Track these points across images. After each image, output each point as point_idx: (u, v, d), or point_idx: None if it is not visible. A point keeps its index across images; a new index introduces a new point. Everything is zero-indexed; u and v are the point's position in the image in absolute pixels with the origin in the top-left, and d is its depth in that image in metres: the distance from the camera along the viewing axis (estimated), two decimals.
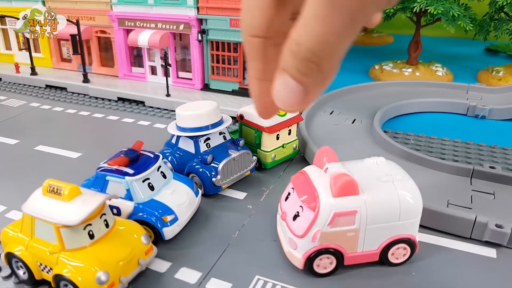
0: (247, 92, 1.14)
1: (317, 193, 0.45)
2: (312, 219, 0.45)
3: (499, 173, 0.68)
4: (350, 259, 0.48)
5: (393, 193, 0.46)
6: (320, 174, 0.48)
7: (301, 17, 0.28)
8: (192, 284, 0.48)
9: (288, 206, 0.50)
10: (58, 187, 0.45)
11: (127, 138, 0.90)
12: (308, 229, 0.45)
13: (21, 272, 0.48)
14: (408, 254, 0.51)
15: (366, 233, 0.47)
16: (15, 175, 0.74)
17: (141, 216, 0.54)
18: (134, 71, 1.33)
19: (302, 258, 0.47)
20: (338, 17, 0.25)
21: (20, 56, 1.49)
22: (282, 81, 0.32)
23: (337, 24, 0.26)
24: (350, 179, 0.44)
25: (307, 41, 0.28)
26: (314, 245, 0.46)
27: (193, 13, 1.13)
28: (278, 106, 0.34)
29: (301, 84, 0.30)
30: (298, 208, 0.47)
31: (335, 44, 0.26)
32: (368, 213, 0.45)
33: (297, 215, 0.47)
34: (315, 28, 0.26)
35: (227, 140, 0.71)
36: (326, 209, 0.44)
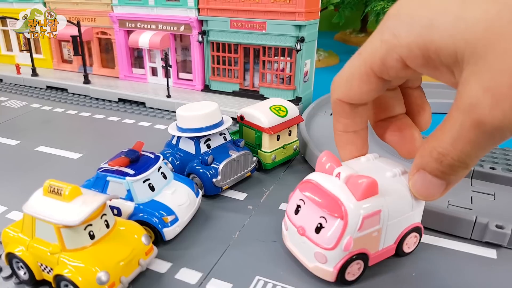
0: (247, 93, 1.14)
1: (340, 200, 0.43)
2: (342, 227, 0.42)
3: (500, 174, 0.68)
4: (373, 259, 0.48)
5: (404, 186, 0.45)
6: (331, 180, 0.45)
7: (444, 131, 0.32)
8: (192, 284, 0.48)
9: (303, 219, 0.47)
10: (58, 187, 0.45)
11: (128, 139, 0.90)
12: (340, 239, 0.43)
13: (22, 273, 0.48)
14: (418, 241, 0.52)
15: (387, 230, 0.46)
16: (16, 176, 0.74)
17: (141, 216, 0.54)
18: (135, 72, 1.33)
19: (335, 270, 0.45)
20: (488, 140, 0.29)
21: (21, 57, 1.50)
22: (421, 177, 0.37)
23: (486, 145, 0.30)
24: (372, 180, 0.43)
25: (456, 155, 0.32)
26: (345, 254, 0.44)
27: (194, 14, 1.14)
28: (417, 197, 0.40)
29: (444, 180, 0.36)
30: (319, 219, 0.44)
31: (481, 155, 0.31)
32: (389, 210, 0.45)
33: (320, 227, 0.44)
34: (464, 147, 0.31)
35: (228, 141, 0.71)
36: (354, 214, 0.42)
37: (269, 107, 0.75)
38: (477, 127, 0.28)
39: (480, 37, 0.26)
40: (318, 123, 0.93)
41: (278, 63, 1.08)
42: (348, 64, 0.39)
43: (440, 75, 0.31)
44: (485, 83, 0.27)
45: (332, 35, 2.22)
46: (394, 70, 0.33)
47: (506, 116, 0.27)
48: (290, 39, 1.03)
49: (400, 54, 0.31)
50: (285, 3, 1.01)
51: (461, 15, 0.27)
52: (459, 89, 0.29)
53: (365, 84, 0.37)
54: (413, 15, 0.30)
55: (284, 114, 0.74)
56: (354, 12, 1.80)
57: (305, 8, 0.99)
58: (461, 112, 0.29)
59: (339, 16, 1.75)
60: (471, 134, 0.29)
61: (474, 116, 0.28)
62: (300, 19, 1.00)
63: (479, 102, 0.27)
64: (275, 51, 1.07)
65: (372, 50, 0.34)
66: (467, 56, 0.27)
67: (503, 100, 0.26)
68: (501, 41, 0.25)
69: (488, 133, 0.28)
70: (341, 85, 0.40)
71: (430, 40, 0.29)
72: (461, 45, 0.27)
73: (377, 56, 0.33)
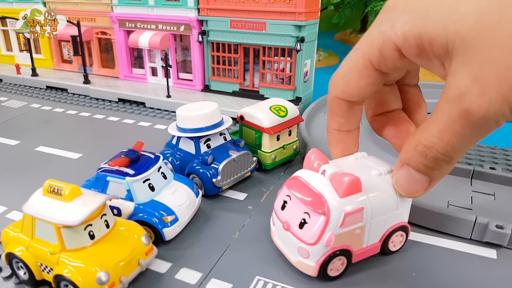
0: (247, 93, 1.14)
1: (324, 197, 0.44)
2: (324, 223, 0.43)
3: (500, 174, 0.68)
4: (357, 256, 0.48)
5: (389, 184, 0.46)
6: (317, 177, 0.46)
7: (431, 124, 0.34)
8: (192, 284, 0.48)
9: (288, 214, 0.48)
10: (58, 187, 0.45)
11: (128, 139, 0.90)
12: (321, 235, 0.44)
13: (22, 273, 0.48)
14: (404, 240, 0.52)
15: (370, 228, 0.47)
16: (16, 176, 0.74)
17: (141, 216, 0.54)
18: (135, 72, 1.33)
19: (316, 265, 0.46)
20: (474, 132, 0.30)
21: (21, 57, 1.50)
22: (405, 172, 0.38)
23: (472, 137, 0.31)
24: (355, 178, 0.43)
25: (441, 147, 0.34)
26: (327, 249, 0.45)
27: (194, 14, 1.14)
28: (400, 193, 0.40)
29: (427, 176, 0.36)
30: (303, 215, 0.46)
31: (467, 149, 0.32)
32: (372, 208, 0.45)
33: (303, 223, 0.45)
34: (450, 139, 0.31)
35: (228, 141, 0.71)
36: (337, 211, 0.43)
37: (269, 107, 0.75)
38: (464, 117, 0.29)
39: (470, 28, 0.27)
40: (318, 123, 0.93)
41: (278, 63, 1.08)
42: (345, 61, 0.39)
43: (432, 67, 0.32)
44: (474, 72, 0.27)
45: (332, 35, 2.22)
46: (391, 60, 0.34)
47: (491, 105, 0.27)
48: (290, 39, 1.03)
49: (396, 44, 0.32)
50: (285, 3, 1.01)
51: (454, 7, 0.28)
52: (448, 80, 0.30)
53: (363, 78, 0.37)
54: (409, 6, 0.31)
55: (284, 114, 0.74)
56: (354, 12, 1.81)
57: (305, 8, 0.99)
58: (448, 103, 0.30)
59: (339, 16, 1.75)
60: (458, 125, 0.30)
61: (462, 106, 0.29)
62: (300, 19, 1.00)
63: (467, 91, 0.28)
64: (275, 51, 1.07)
65: (370, 42, 0.35)
66: (457, 47, 0.28)
67: (490, 89, 0.27)
68: (490, 33, 0.26)
69: (474, 123, 0.29)
70: (339, 82, 0.40)
71: (424, 30, 0.30)
72: (452, 36, 0.28)
73: (375, 47, 0.34)
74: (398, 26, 0.31)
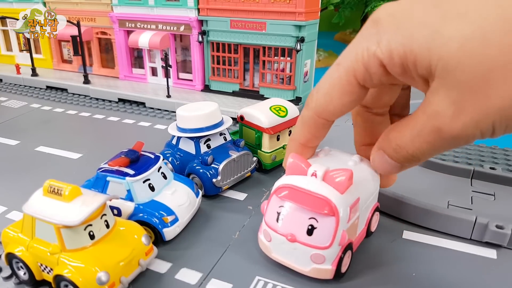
0: (247, 93, 1.14)
1: (326, 197, 0.43)
2: (335, 223, 0.43)
3: (500, 174, 0.68)
4: (355, 245, 0.50)
5: (366, 171, 0.48)
6: (309, 180, 0.45)
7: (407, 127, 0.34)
8: (192, 284, 0.48)
9: (289, 225, 0.46)
10: (58, 187, 0.45)
11: (128, 139, 0.90)
12: (335, 235, 0.43)
13: (22, 273, 0.48)
14: (378, 219, 0.56)
15: (361, 215, 0.49)
16: (16, 176, 0.74)
17: (141, 216, 0.54)
18: (135, 72, 1.33)
19: (333, 266, 0.45)
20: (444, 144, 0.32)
21: (21, 57, 1.50)
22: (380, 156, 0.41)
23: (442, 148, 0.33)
24: (350, 172, 0.44)
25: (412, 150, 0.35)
26: (339, 249, 0.45)
27: (194, 14, 1.14)
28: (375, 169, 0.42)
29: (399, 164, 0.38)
30: (309, 221, 0.44)
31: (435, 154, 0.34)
32: (363, 196, 0.47)
33: (312, 229, 0.44)
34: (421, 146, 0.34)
35: (228, 141, 0.71)
36: (343, 208, 0.44)
37: (269, 107, 0.75)
38: (436, 133, 0.31)
39: (453, 54, 0.28)
40: None
41: (278, 63, 1.08)
42: (326, 77, 0.38)
43: (415, 84, 0.34)
44: (452, 96, 0.29)
45: (332, 35, 2.22)
46: (377, 76, 0.34)
47: (464, 129, 0.29)
48: (290, 39, 1.03)
49: (382, 60, 0.32)
50: (285, 3, 1.01)
51: (439, 30, 0.29)
52: (428, 95, 0.31)
53: (347, 95, 0.37)
54: (395, 24, 0.31)
55: (284, 114, 0.74)
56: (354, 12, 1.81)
57: (305, 8, 0.99)
58: (425, 116, 0.32)
59: (339, 16, 1.75)
60: (430, 137, 0.32)
61: (436, 123, 0.31)
62: (300, 19, 1.00)
63: (443, 112, 0.30)
64: (275, 51, 1.07)
65: (354, 57, 0.35)
66: (439, 70, 0.29)
67: (465, 114, 0.29)
68: (471, 61, 0.27)
69: (444, 139, 0.31)
70: (320, 99, 0.39)
71: (409, 50, 0.30)
72: (435, 59, 0.29)
73: (360, 63, 0.34)
74: (384, 43, 0.32)
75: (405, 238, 0.56)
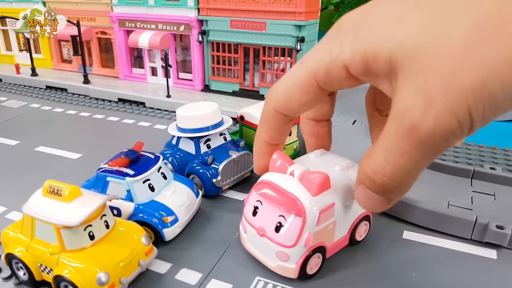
0: (247, 93, 1.14)
1: (297, 197, 0.44)
2: (301, 224, 0.44)
3: (500, 174, 0.68)
4: (330, 250, 0.49)
5: (353, 178, 0.47)
6: (286, 178, 0.46)
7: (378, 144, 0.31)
8: (192, 285, 0.48)
9: (262, 220, 0.47)
10: (58, 188, 0.45)
11: (128, 139, 0.90)
12: (299, 235, 0.44)
13: (21, 273, 0.48)
14: (368, 229, 0.54)
15: (340, 222, 0.48)
16: (15, 176, 0.74)
17: (141, 217, 0.54)
18: (135, 72, 1.33)
19: (297, 266, 0.46)
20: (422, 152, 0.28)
21: (21, 57, 1.50)
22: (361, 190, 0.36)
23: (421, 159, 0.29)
24: (325, 175, 0.44)
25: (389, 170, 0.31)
26: (305, 249, 0.45)
27: (194, 14, 1.13)
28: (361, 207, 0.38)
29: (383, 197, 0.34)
30: (278, 218, 0.45)
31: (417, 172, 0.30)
32: (341, 202, 0.47)
33: (279, 226, 0.45)
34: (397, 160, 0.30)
35: (228, 141, 0.71)
36: (311, 210, 0.44)
37: None
38: (411, 135, 0.27)
39: (414, 38, 0.26)
40: None
41: (278, 63, 1.08)
42: (288, 75, 0.38)
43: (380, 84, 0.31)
44: (419, 85, 0.26)
45: None
46: (338, 79, 0.33)
47: (438, 120, 0.26)
48: (290, 39, 1.03)
49: (344, 62, 0.31)
50: (285, 3, 1.01)
51: (398, 18, 0.28)
52: (394, 96, 0.28)
53: (306, 94, 0.36)
54: (357, 24, 0.31)
55: None
56: None
57: (305, 8, 0.99)
58: (394, 120, 0.28)
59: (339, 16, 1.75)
60: (405, 145, 0.28)
61: (408, 121, 0.27)
62: (300, 19, 1.00)
63: (412, 106, 0.26)
64: (275, 51, 1.07)
65: (317, 59, 0.34)
66: (400, 59, 0.27)
67: (436, 101, 0.25)
68: (433, 41, 0.25)
69: (422, 141, 0.27)
70: (280, 95, 0.39)
71: (368, 46, 0.29)
72: (395, 48, 0.27)
73: (321, 66, 0.33)
74: (346, 44, 0.31)
75: (405, 238, 0.56)
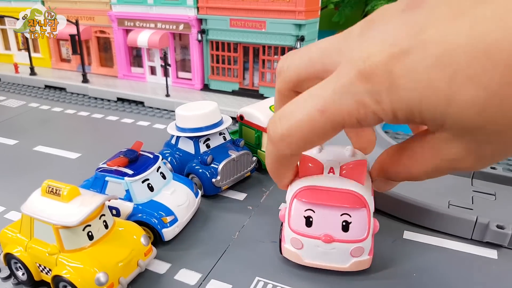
0: (247, 93, 1.14)
1: (353, 191, 0.44)
2: (367, 214, 0.44)
3: (500, 174, 0.68)
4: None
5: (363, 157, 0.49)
6: (328, 177, 0.45)
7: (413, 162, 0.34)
8: (192, 285, 0.48)
9: (322, 227, 0.45)
10: (57, 187, 0.45)
11: (127, 138, 0.90)
12: (369, 226, 0.45)
13: (20, 273, 0.47)
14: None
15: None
16: (14, 176, 0.74)
17: (140, 217, 0.53)
18: (134, 71, 1.33)
19: (370, 255, 0.47)
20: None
21: (19, 56, 1.49)
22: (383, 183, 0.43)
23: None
24: (365, 162, 0.45)
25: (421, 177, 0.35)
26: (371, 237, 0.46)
27: (193, 13, 1.13)
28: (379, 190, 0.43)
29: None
30: (342, 217, 0.44)
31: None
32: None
33: (346, 224, 0.44)
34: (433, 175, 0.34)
35: (227, 141, 0.71)
36: (370, 198, 0.45)
37: (269, 106, 0.75)
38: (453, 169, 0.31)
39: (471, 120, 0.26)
40: None
41: (277, 62, 1.07)
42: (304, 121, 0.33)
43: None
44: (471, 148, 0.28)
45: (332, 34, 2.22)
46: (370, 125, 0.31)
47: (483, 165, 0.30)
48: (290, 38, 1.02)
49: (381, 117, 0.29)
50: (285, 1, 1.00)
51: (450, 95, 0.25)
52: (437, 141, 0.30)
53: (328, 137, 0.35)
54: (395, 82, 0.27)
55: None
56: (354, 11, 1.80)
57: (305, 7, 0.99)
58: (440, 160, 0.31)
59: (339, 15, 1.74)
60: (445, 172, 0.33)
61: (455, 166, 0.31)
62: (300, 18, 1.00)
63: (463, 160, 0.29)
64: (275, 50, 1.07)
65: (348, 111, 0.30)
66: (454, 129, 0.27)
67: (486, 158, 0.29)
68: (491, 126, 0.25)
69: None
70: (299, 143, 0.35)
71: (418, 111, 0.27)
72: (449, 122, 0.27)
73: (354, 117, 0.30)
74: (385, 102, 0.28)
75: (406, 238, 0.56)
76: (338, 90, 0.30)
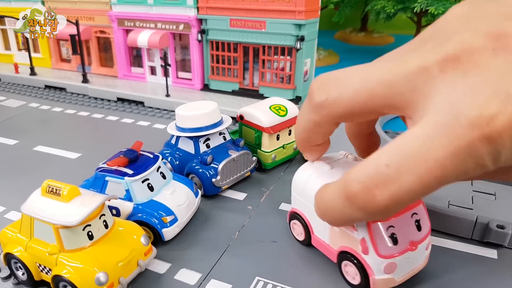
0: (247, 93, 1.14)
1: None
2: (424, 207, 0.47)
3: None
4: None
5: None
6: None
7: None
8: (191, 285, 0.48)
9: (405, 237, 0.44)
10: (57, 187, 0.45)
11: (127, 138, 0.90)
12: (428, 217, 0.47)
13: (20, 273, 0.47)
14: None
15: None
16: (14, 176, 0.74)
17: (140, 217, 0.54)
18: (134, 71, 1.33)
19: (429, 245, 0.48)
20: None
21: (19, 56, 1.49)
22: None
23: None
24: None
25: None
26: None
27: (193, 13, 1.13)
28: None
29: None
30: (413, 218, 0.45)
31: None
32: None
33: (418, 223, 0.45)
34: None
35: (227, 141, 0.71)
36: None
37: (269, 106, 0.75)
38: None
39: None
40: None
41: (278, 62, 1.08)
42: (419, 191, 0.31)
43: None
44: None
45: (332, 34, 2.21)
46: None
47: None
48: (290, 38, 1.02)
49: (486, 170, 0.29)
50: (285, 1, 1.00)
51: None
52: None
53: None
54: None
55: (284, 113, 0.74)
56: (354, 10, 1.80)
57: (305, 7, 0.99)
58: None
59: (339, 15, 1.74)
60: None
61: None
62: (300, 18, 1.00)
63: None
64: (275, 50, 1.07)
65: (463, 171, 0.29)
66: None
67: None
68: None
69: None
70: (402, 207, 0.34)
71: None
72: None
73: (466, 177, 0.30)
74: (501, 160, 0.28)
75: None
76: (458, 154, 0.27)
